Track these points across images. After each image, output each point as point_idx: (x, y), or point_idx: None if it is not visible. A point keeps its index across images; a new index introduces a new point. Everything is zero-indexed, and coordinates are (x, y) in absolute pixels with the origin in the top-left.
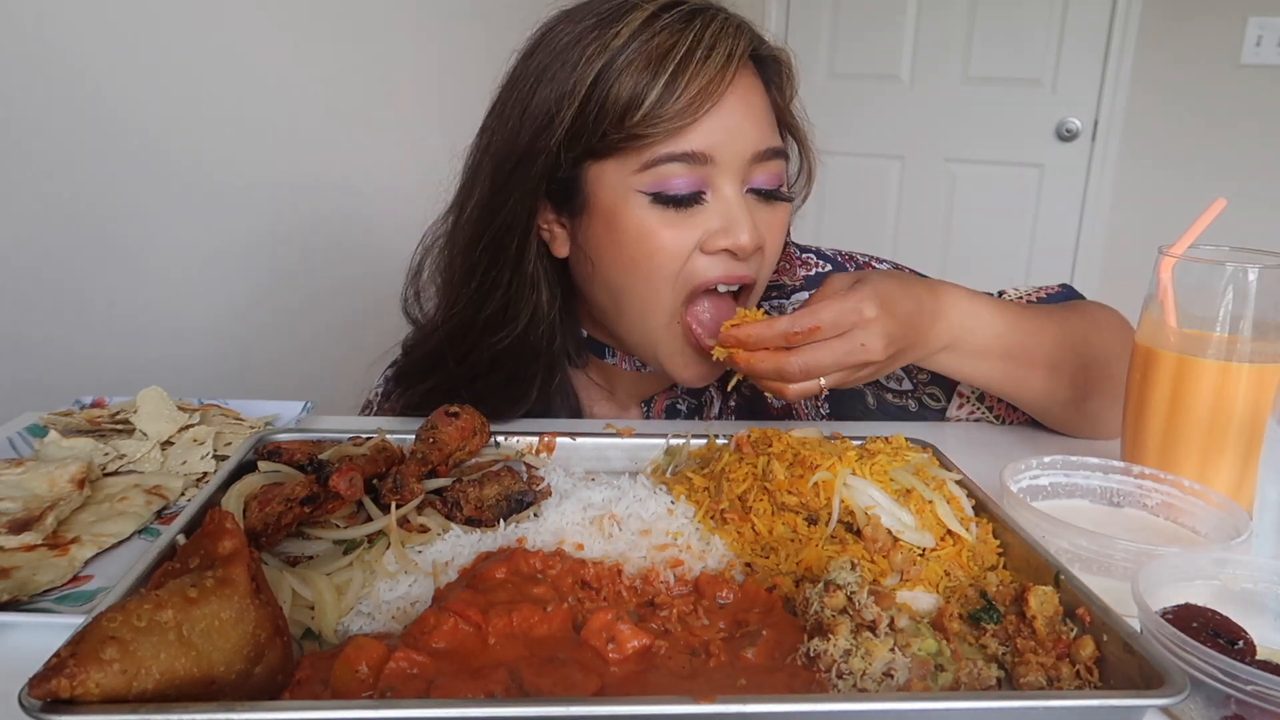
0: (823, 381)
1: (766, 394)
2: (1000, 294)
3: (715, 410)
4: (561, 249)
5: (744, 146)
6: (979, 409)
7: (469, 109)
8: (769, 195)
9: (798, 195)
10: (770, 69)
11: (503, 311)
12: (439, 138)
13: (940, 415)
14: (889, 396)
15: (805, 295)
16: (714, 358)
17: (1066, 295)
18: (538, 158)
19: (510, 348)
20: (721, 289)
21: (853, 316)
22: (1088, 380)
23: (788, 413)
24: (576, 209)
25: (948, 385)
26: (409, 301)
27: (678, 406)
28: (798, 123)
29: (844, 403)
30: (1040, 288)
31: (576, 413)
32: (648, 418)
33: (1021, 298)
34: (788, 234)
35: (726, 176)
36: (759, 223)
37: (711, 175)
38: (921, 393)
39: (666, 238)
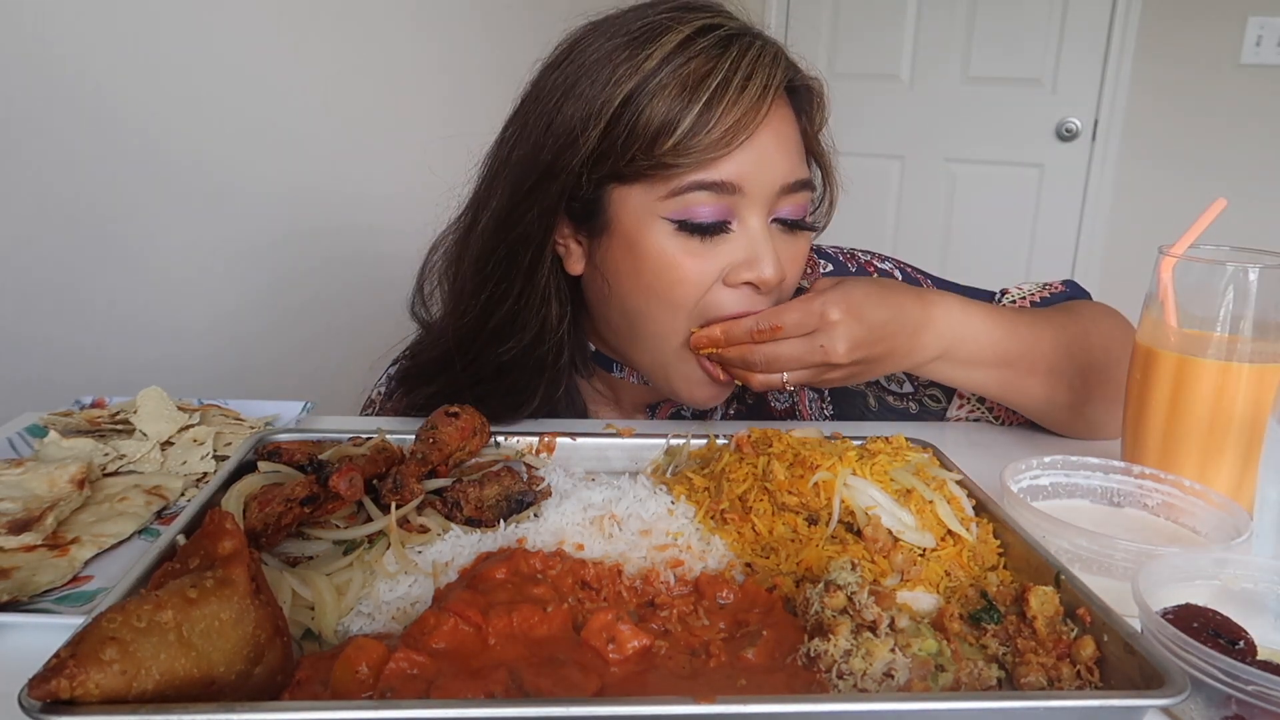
0: (785, 377)
1: (768, 397)
2: (1003, 293)
3: (719, 414)
4: (576, 266)
5: (774, 178)
6: (979, 409)
7: (470, 111)
8: (793, 226)
9: (817, 221)
10: (802, 98)
11: (511, 322)
12: (440, 140)
13: (940, 416)
14: (890, 399)
15: None
16: (692, 345)
17: (1071, 293)
18: (560, 176)
19: (516, 359)
20: None
21: (814, 320)
22: (1086, 384)
23: (791, 414)
24: (597, 229)
25: (948, 388)
26: (417, 305)
27: (682, 413)
28: (824, 150)
29: (846, 404)
30: (1045, 285)
31: (582, 417)
32: (653, 421)
33: (1025, 297)
34: None
35: (754, 208)
36: (781, 254)
37: (738, 205)
38: (922, 394)
39: (690, 268)
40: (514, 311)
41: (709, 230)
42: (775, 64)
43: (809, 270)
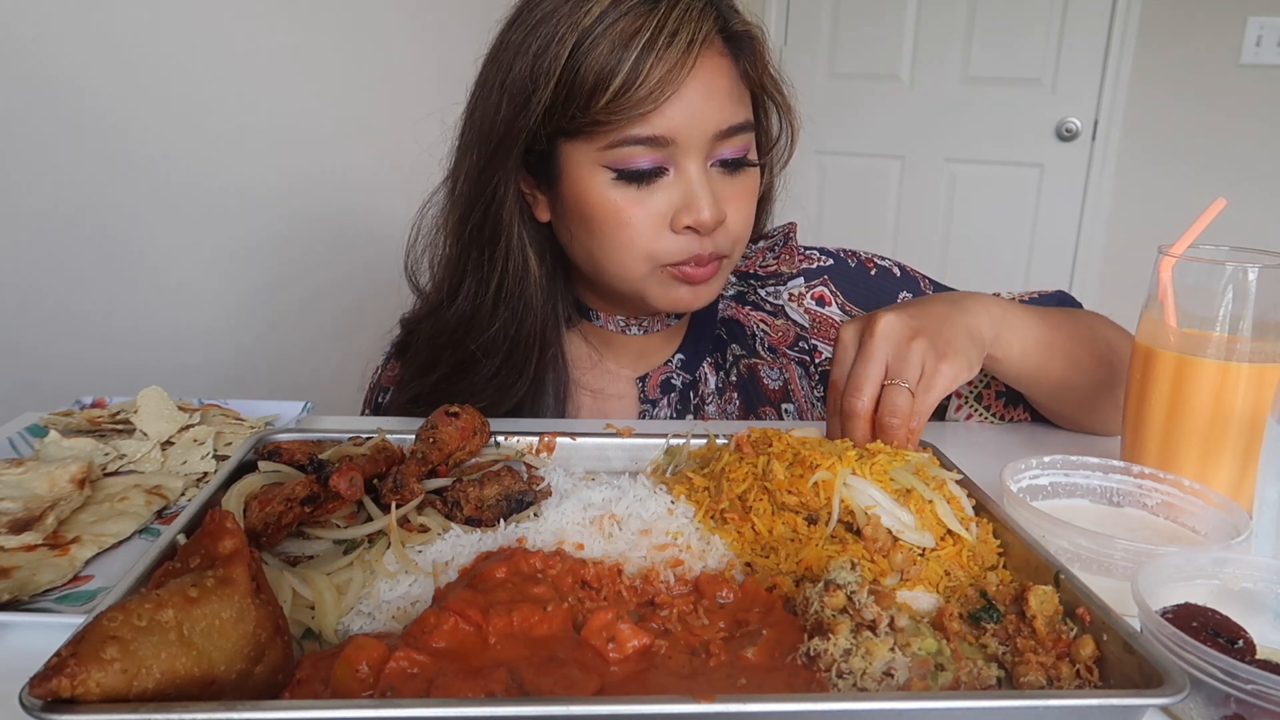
0: (914, 424)
1: (759, 373)
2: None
3: (711, 386)
4: (543, 214)
5: (705, 127)
6: (976, 409)
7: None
8: (734, 165)
9: (779, 158)
10: (741, 43)
11: (500, 288)
12: (438, 139)
13: (939, 417)
14: None
15: (800, 282)
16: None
17: (1059, 299)
18: (519, 136)
19: (507, 318)
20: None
21: (868, 360)
22: (1099, 368)
23: (784, 394)
24: (552, 182)
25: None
26: (413, 262)
27: (672, 381)
28: (776, 88)
29: None
30: (1032, 291)
31: (563, 382)
32: (643, 393)
33: (1015, 297)
34: (793, 235)
35: (689, 155)
36: (722, 194)
37: (673, 154)
38: None
39: (632, 213)
40: (503, 273)
41: (645, 177)
42: (703, 16)
43: (787, 256)
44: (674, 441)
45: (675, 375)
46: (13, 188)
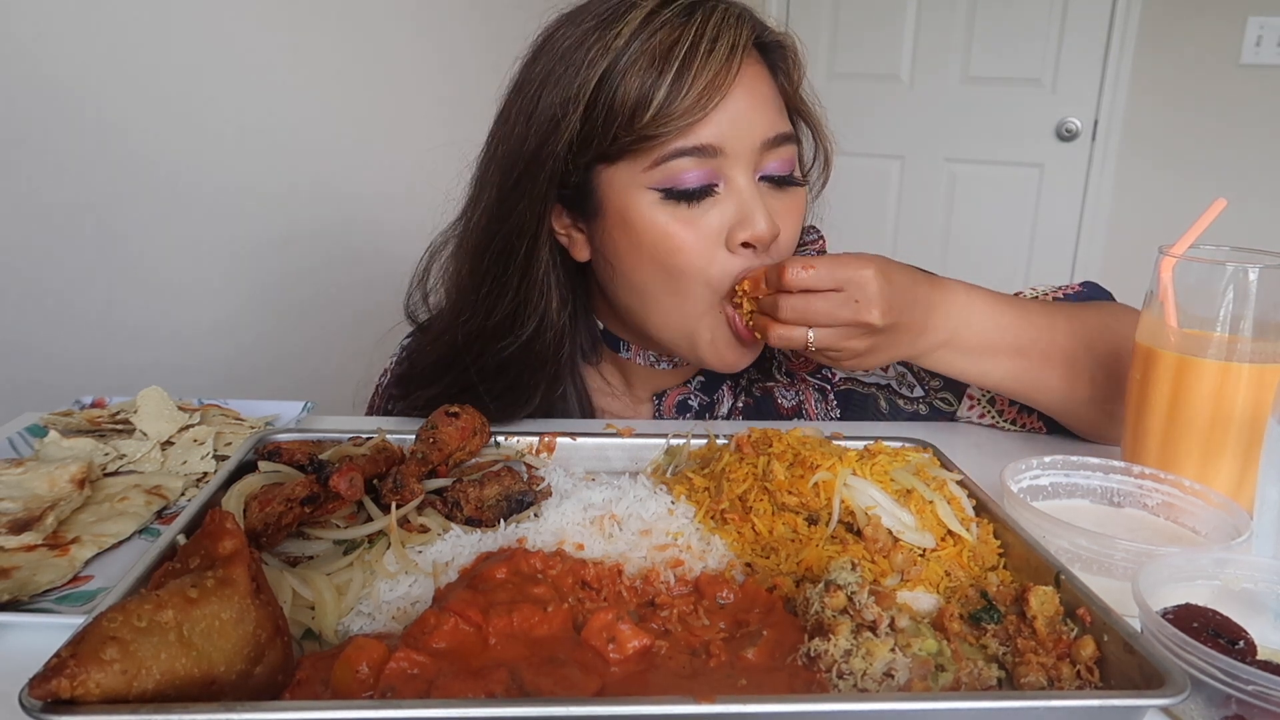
0: (811, 335)
1: (775, 395)
2: (1016, 295)
3: (724, 409)
4: (581, 253)
5: (753, 135)
6: (989, 411)
7: (469, 111)
8: (782, 182)
9: (814, 181)
10: (775, 55)
11: (511, 317)
12: (439, 140)
13: (951, 418)
14: (901, 402)
15: None
16: (736, 301)
17: (1090, 294)
18: (545, 163)
19: (516, 354)
20: None
21: (848, 272)
22: (1109, 378)
23: (797, 414)
24: (591, 213)
25: (959, 390)
26: (413, 304)
27: (689, 402)
28: (809, 107)
29: (856, 408)
30: (1060, 287)
31: (587, 412)
32: (658, 411)
33: (1039, 297)
34: (824, 253)
35: (738, 167)
36: (773, 210)
37: (722, 166)
38: (933, 397)
39: (684, 235)
40: (514, 305)
41: (694, 195)
42: (740, 23)
43: (809, 243)
44: (674, 442)
45: (693, 396)
46: (13, 188)
